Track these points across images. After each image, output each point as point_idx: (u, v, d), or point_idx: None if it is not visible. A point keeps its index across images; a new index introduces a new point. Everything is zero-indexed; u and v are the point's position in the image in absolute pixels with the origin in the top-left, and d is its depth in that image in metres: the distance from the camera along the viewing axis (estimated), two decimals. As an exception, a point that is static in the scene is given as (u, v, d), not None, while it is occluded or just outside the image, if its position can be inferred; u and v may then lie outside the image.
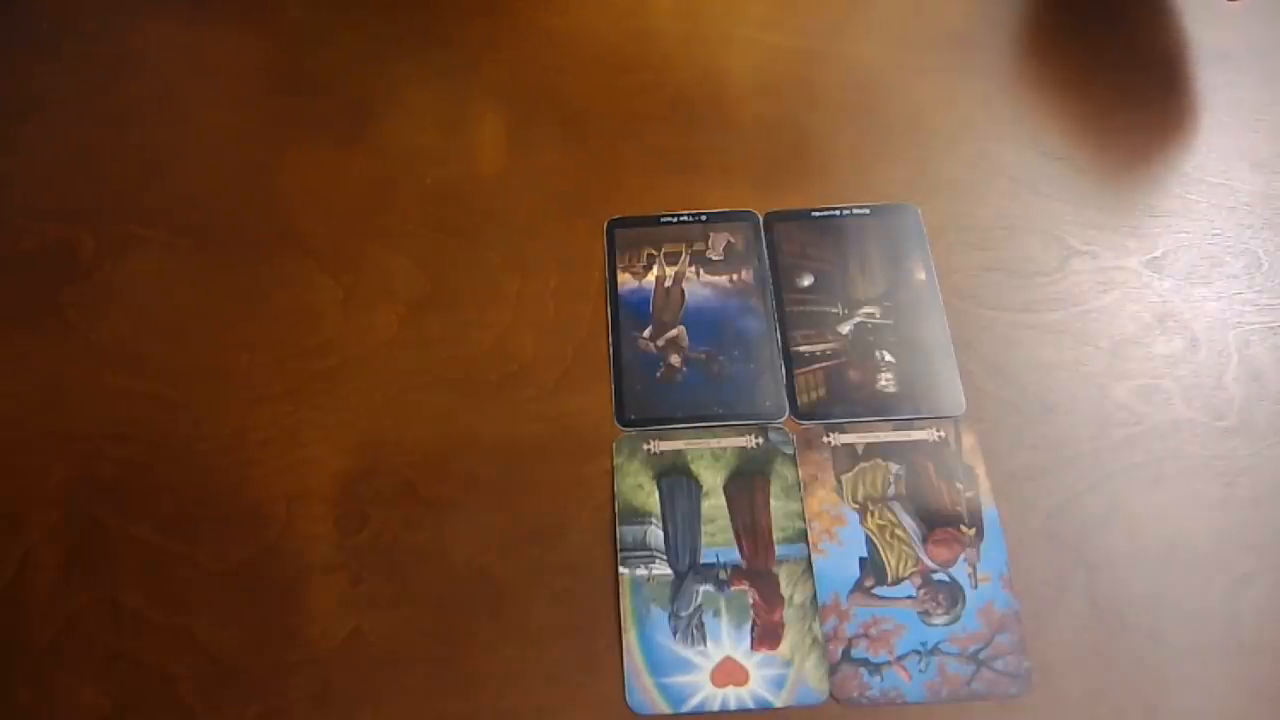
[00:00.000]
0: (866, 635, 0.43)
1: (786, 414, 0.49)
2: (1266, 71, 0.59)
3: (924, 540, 0.45)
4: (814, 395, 0.49)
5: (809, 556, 0.45)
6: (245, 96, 0.60)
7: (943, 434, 0.48)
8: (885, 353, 0.50)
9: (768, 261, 0.53)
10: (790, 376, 0.50)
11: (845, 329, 0.51)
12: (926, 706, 0.42)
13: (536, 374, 0.50)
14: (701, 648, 0.43)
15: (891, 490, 0.47)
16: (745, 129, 0.58)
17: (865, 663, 0.43)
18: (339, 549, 0.46)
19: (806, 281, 0.53)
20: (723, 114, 0.59)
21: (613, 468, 0.48)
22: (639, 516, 0.46)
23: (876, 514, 0.46)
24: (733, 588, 0.45)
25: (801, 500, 0.47)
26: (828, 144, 0.57)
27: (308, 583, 0.45)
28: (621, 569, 0.45)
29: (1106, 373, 0.50)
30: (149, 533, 0.47)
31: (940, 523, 0.46)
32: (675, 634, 0.44)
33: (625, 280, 0.53)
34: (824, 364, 0.50)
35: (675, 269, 0.53)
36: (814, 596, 0.44)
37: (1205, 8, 0.61)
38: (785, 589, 0.44)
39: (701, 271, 0.53)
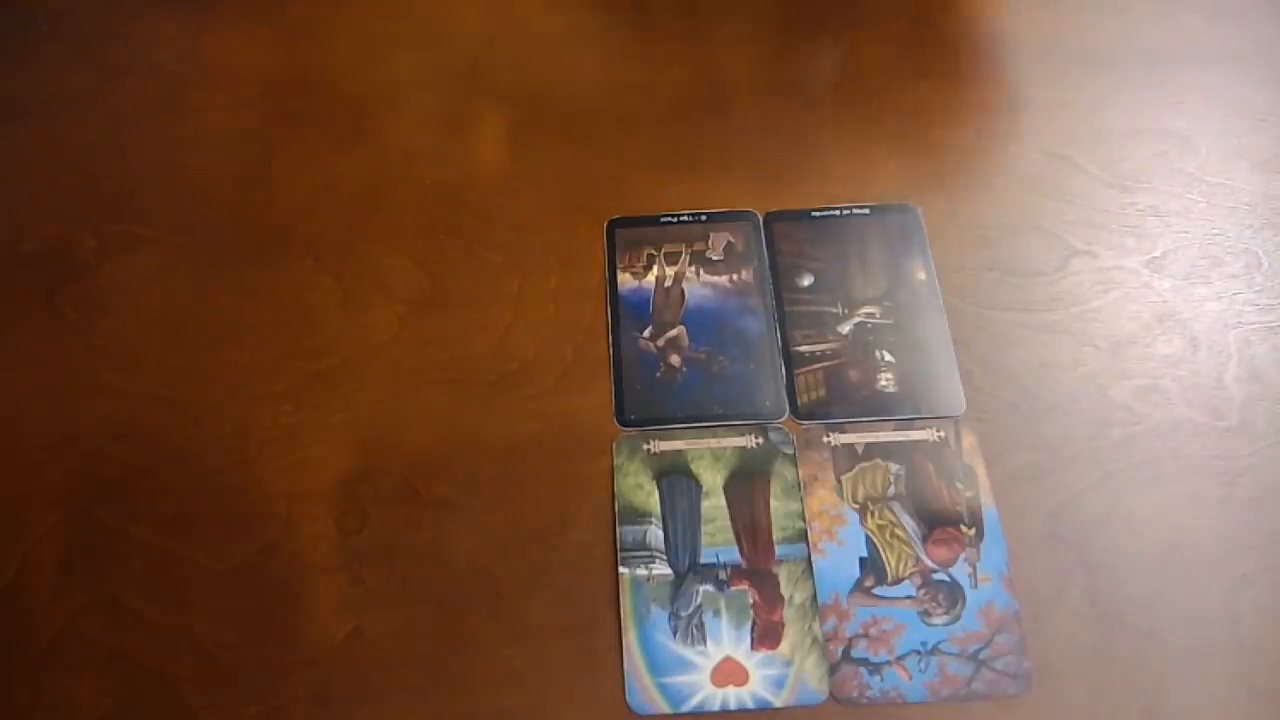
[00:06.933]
0: (866, 635, 0.43)
1: (786, 414, 0.49)
2: (1267, 71, 0.59)
3: (924, 540, 0.45)
4: (814, 395, 0.49)
5: (809, 556, 0.45)
6: (245, 96, 0.60)
7: (943, 434, 0.48)
8: (885, 353, 0.50)
9: (768, 261, 0.53)
10: (790, 376, 0.50)
11: (845, 329, 0.51)
12: (926, 706, 0.42)
13: (536, 374, 0.50)
14: (701, 648, 0.43)
15: (891, 490, 0.47)
16: (745, 129, 0.58)
17: (865, 663, 0.43)
18: (339, 549, 0.46)
19: (806, 281, 0.53)
20: (723, 114, 0.59)
21: (613, 468, 0.48)
22: (639, 516, 0.46)
23: (876, 514, 0.46)
24: (733, 588, 0.45)
25: (801, 500, 0.47)
26: (827, 144, 0.57)
27: (308, 583, 0.45)
28: (621, 569, 0.45)
29: (1106, 373, 0.50)
30: (149, 533, 0.47)
31: (940, 523, 0.46)
32: (675, 634, 0.44)
33: (625, 280, 0.53)
34: (824, 364, 0.50)
35: (675, 269, 0.53)
36: (814, 596, 0.44)
37: (1207, 6, 0.61)
38: (785, 589, 0.44)
39: (701, 271, 0.53)
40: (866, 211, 0.55)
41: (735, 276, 0.53)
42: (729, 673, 0.43)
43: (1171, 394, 0.49)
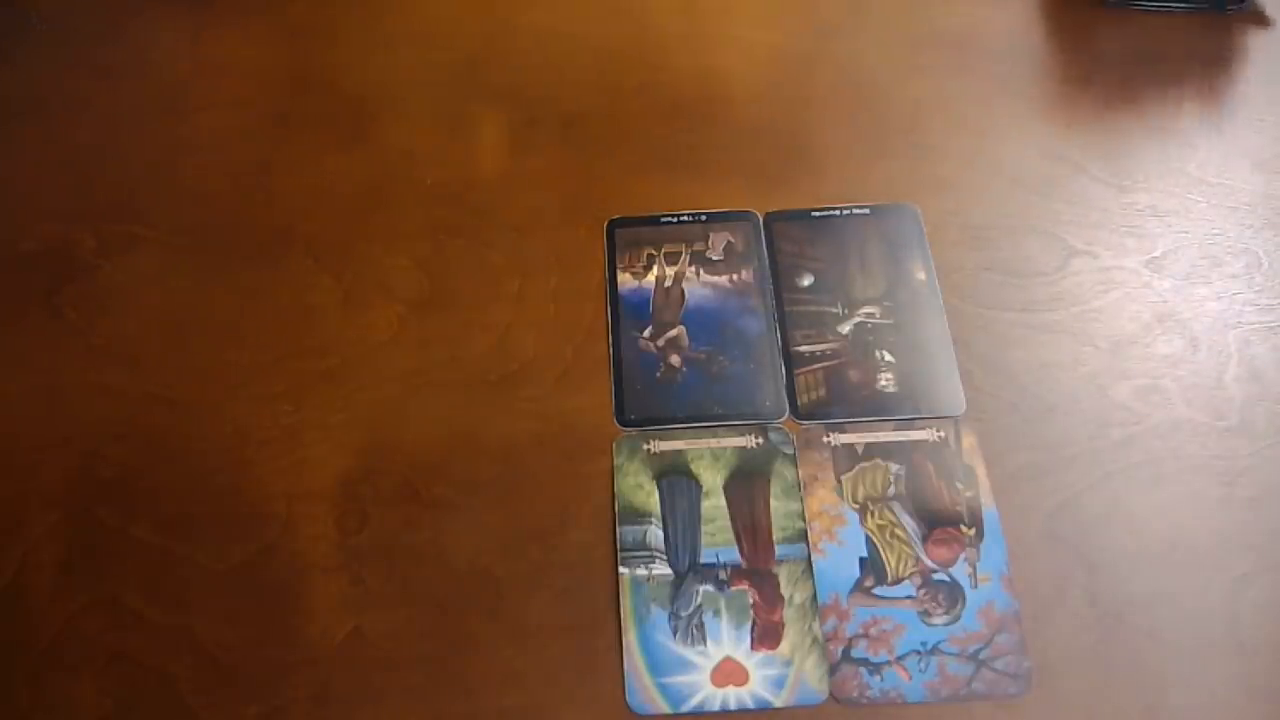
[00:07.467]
0: (866, 635, 0.43)
1: (786, 414, 0.49)
2: (1267, 71, 0.59)
3: (924, 540, 0.45)
4: (814, 395, 0.49)
5: (809, 556, 0.45)
6: (245, 96, 0.60)
7: (943, 434, 0.48)
8: (885, 353, 0.50)
9: (768, 261, 0.53)
10: (790, 376, 0.50)
11: (845, 329, 0.51)
12: (926, 706, 0.42)
13: (536, 374, 0.50)
14: (701, 648, 0.43)
15: (891, 490, 0.47)
16: (745, 129, 0.58)
17: (865, 663, 0.43)
18: (339, 549, 0.46)
19: (806, 281, 0.53)
20: (722, 114, 0.59)
21: (613, 468, 0.48)
22: (639, 516, 0.46)
23: (876, 514, 0.46)
24: (733, 588, 0.45)
25: (801, 500, 0.46)
26: (827, 144, 0.57)
27: (308, 583, 0.45)
28: (621, 569, 0.45)
29: (1106, 373, 0.50)
30: (149, 533, 0.47)
31: (940, 523, 0.46)
32: (675, 634, 0.44)
33: (625, 280, 0.53)
34: (824, 364, 0.50)
35: (675, 269, 0.53)
36: (814, 596, 0.44)
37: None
38: (785, 589, 0.44)
39: (701, 271, 0.53)
40: (866, 211, 0.55)
41: (735, 276, 0.53)
42: (729, 673, 0.43)
43: (1171, 394, 0.49)
